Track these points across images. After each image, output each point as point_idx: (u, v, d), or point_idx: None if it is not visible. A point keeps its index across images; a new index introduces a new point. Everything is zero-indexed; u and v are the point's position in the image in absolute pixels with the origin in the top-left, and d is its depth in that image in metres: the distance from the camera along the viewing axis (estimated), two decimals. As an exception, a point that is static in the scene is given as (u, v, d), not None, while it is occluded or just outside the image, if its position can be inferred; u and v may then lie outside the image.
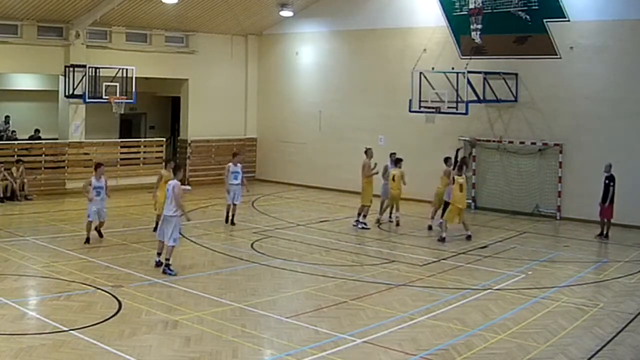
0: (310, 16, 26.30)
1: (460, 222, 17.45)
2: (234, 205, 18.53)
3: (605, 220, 17.98)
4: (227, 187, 18.52)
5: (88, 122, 24.00)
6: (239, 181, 18.50)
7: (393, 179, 18.98)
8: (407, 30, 23.78)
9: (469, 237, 17.35)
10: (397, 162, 19.28)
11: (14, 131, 24.62)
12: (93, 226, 16.09)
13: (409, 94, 20.13)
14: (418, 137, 23.13)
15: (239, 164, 18.73)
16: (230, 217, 18.65)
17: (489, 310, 11.73)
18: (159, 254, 13.82)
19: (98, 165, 16.42)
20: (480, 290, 12.97)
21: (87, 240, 15.84)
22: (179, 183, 13.67)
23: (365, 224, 18.73)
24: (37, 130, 24.76)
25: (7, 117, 24.89)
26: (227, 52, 27.42)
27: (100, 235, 16.34)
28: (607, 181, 17.83)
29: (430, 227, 18.51)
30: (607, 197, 17.74)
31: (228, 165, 18.80)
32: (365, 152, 19.24)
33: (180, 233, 13.95)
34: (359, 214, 18.90)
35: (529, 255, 15.96)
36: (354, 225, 18.78)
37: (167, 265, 13.45)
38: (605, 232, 17.95)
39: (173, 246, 13.49)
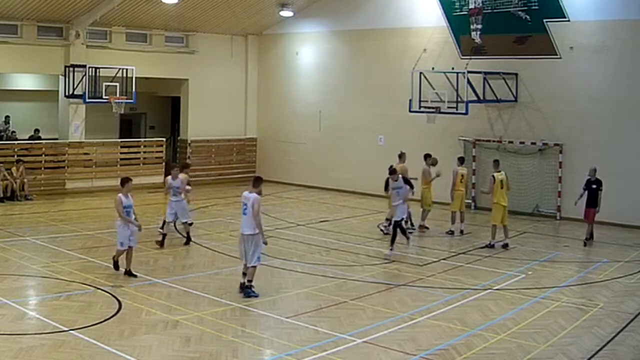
0: (310, 16, 26.30)
1: (506, 223, 16.53)
2: (185, 224, 16.13)
3: (589, 223, 17.32)
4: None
5: (88, 122, 24.00)
6: (178, 198, 15.92)
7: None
8: (407, 30, 23.77)
9: (505, 245, 16.57)
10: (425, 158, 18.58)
11: (13, 131, 24.61)
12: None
13: (409, 94, 20.13)
14: (418, 137, 23.12)
15: (180, 178, 16.04)
16: (185, 237, 16.24)
17: (489, 310, 11.73)
18: (244, 274, 12.36)
19: (125, 180, 13.68)
20: (480, 290, 12.97)
21: (117, 266, 13.50)
22: (260, 198, 12.19)
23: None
24: (36, 130, 24.75)
25: (7, 117, 24.89)
26: (227, 52, 27.42)
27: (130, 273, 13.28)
28: (594, 186, 17.10)
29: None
30: (597, 201, 17.02)
31: (167, 178, 16.55)
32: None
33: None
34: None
35: (529, 255, 15.95)
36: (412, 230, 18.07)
37: (249, 287, 12.19)
38: (591, 234, 17.39)
39: (255, 267, 12.20)
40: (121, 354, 9.24)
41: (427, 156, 18.67)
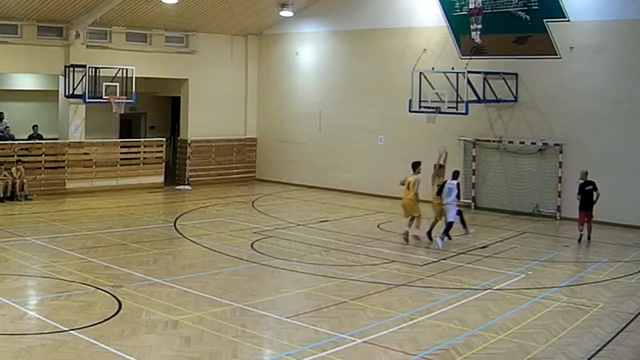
0: (310, 16, 26.30)
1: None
2: None
3: (587, 224, 17.43)
4: None
5: (88, 122, 23.98)
6: None
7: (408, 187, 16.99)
8: (407, 30, 23.77)
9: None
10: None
11: (7, 127, 24.31)
12: None
13: (409, 94, 20.13)
14: (418, 138, 23.13)
15: None
16: None
17: (489, 310, 11.72)
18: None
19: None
20: (480, 290, 12.97)
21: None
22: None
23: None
24: (35, 127, 24.62)
25: (0, 113, 24.69)
26: (227, 52, 27.41)
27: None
28: (590, 186, 17.29)
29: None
30: (591, 203, 17.24)
31: None
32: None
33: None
34: None
35: (529, 255, 15.95)
36: None
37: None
38: (588, 235, 17.49)
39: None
40: (121, 354, 9.23)
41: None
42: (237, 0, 24.43)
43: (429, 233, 17.04)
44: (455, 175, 17.22)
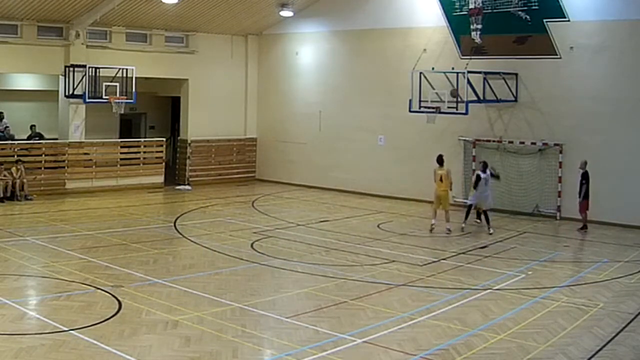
0: (310, 16, 26.29)
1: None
2: None
3: (583, 214, 18.96)
4: None
5: (88, 122, 23.98)
6: None
7: (441, 180, 18.41)
8: (407, 30, 23.77)
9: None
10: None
11: (7, 127, 24.28)
12: None
13: (409, 94, 20.13)
14: (418, 138, 23.14)
15: None
16: None
17: (489, 310, 11.72)
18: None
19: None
20: (480, 290, 12.97)
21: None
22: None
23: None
24: (32, 127, 24.56)
25: (0, 113, 24.67)
26: (227, 52, 27.41)
27: None
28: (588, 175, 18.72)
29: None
30: (587, 193, 18.67)
31: None
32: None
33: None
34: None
35: (529, 255, 15.96)
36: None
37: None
38: (584, 225, 18.96)
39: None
40: (121, 354, 9.24)
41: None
42: (237, 0, 24.43)
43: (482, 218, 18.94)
44: (485, 166, 18.84)
